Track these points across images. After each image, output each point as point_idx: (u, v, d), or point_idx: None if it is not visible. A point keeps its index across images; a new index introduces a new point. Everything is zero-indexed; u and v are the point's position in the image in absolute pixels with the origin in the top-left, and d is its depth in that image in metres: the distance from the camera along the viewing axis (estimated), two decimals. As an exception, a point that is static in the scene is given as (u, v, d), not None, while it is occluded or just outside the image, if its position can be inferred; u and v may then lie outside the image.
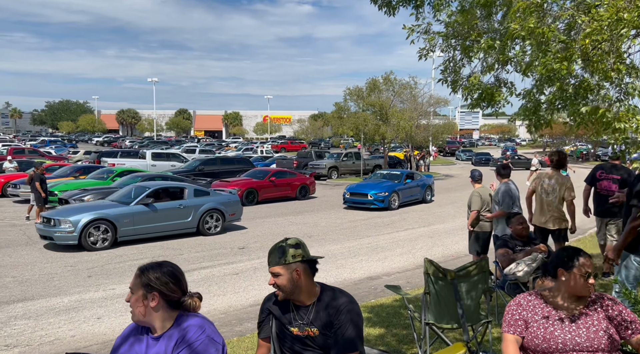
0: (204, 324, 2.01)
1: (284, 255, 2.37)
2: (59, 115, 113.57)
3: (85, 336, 5.78)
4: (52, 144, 49.30)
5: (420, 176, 19.16)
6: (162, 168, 23.95)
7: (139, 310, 2.01)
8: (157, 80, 73.61)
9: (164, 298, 2.02)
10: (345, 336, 2.30)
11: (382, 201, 16.37)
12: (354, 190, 17.11)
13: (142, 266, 2.10)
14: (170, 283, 2.04)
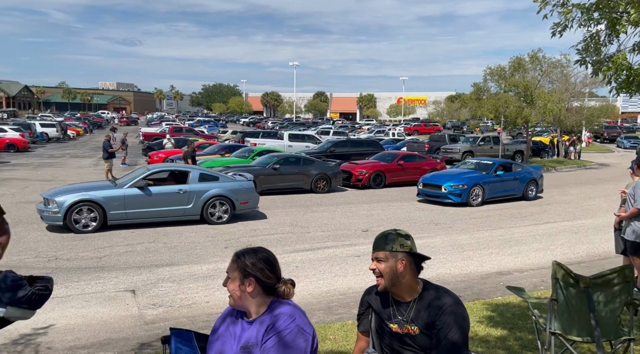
0: (295, 313, 2.02)
1: (393, 241, 2.30)
2: (212, 97, 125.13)
3: (218, 303, 6.33)
4: (206, 124, 54.55)
5: (522, 167, 16.21)
6: (298, 149, 25.04)
7: (236, 295, 2.07)
8: (297, 64, 76.77)
9: (259, 284, 2.06)
10: (448, 339, 2.15)
11: (459, 195, 14.04)
12: (427, 181, 14.97)
13: (238, 252, 2.15)
14: (265, 269, 2.08)
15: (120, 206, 10.21)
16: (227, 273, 2.14)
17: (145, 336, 5.23)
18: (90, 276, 7.28)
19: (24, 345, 4.89)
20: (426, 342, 2.23)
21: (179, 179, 11.42)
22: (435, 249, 9.16)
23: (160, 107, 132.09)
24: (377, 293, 2.41)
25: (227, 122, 73.90)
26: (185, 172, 11.40)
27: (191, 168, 11.70)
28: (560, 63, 26.11)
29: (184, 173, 11.37)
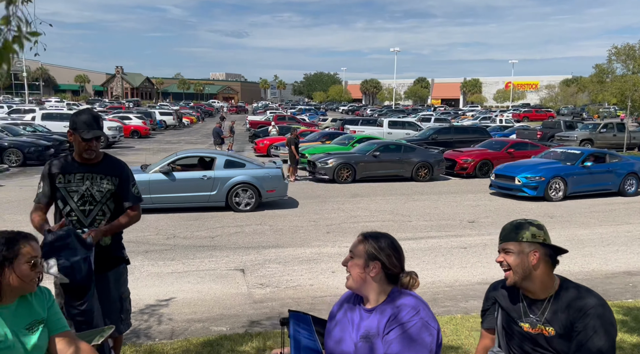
0: (419, 306, 1.91)
1: (524, 231, 2.09)
2: (313, 86, 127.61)
3: (321, 287, 6.42)
4: (307, 112, 55.78)
5: (620, 158, 14.10)
6: (397, 136, 24.62)
7: (357, 276, 2.00)
8: (399, 49, 75.47)
9: (384, 270, 1.98)
10: (592, 345, 1.91)
11: (535, 188, 12.54)
12: (500, 171, 13.53)
13: (366, 233, 2.08)
14: (392, 255, 1.99)
15: (145, 190, 10.02)
16: (350, 252, 2.06)
17: (254, 315, 5.45)
18: (204, 254, 7.77)
19: (149, 315, 5.34)
20: (563, 346, 2.01)
21: (206, 165, 11.31)
22: (551, 244, 8.47)
23: (265, 96, 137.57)
24: (506, 288, 2.22)
25: (327, 110, 74.88)
26: (211, 158, 11.30)
27: (218, 154, 11.60)
28: None
29: (210, 160, 11.27)
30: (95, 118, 3.10)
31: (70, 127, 3.10)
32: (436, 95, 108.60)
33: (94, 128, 3.05)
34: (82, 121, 3.04)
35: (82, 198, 3.09)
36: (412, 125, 27.99)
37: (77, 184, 3.10)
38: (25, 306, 1.96)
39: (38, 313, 1.99)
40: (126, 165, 3.33)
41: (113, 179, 3.17)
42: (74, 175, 3.11)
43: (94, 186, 3.11)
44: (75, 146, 3.09)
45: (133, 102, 70.53)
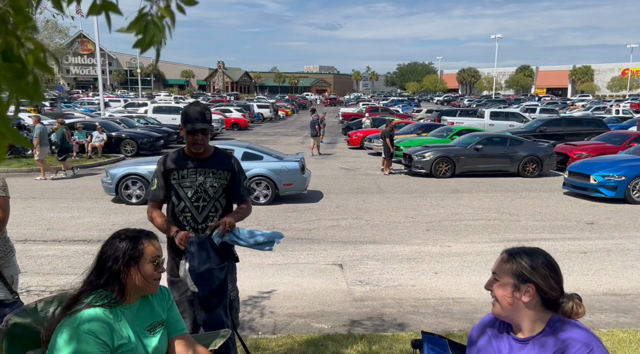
0: (592, 342, 1.57)
1: None
2: (406, 76, 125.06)
3: (424, 288, 6.09)
4: (400, 103, 54.73)
5: None
6: (500, 128, 23.19)
7: (506, 302, 1.69)
8: (500, 36, 71.13)
9: (539, 294, 1.66)
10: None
11: (614, 188, 10.92)
12: (575, 168, 11.99)
13: (510, 250, 1.76)
14: (550, 277, 1.66)
15: None
16: (493, 273, 1.76)
17: (355, 313, 5.28)
18: (302, 247, 7.76)
19: (252, 306, 5.39)
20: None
21: None
22: (692, 253, 7.36)
23: (357, 88, 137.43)
24: None
25: (421, 101, 72.93)
26: (230, 149, 11.15)
27: (237, 146, 11.53)
28: None
29: None
30: (202, 111, 3.02)
31: (180, 121, 3.09)
32: (541, 84, 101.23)
33: (199, 121, 2.98)
34: (189, 114, 3.00)
35: (195, 194, 3.04)
36: (516, 116, 26.22)
37: (190, 179, 3.05)
38: (146, 307, 1.92)
39: (159, 314, 1.94)
40: (236, 159, 3.27)
41: (225, 173, 3.12)
42: (187, 170, 3.06)
43: (207, 182, 3.06)
44: (185, 140, 3.06)
45: (233, 96, 73.90)
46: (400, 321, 5.09)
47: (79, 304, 1.73)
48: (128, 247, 1.82)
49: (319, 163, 17.50)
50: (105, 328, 1.68)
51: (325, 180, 14.05)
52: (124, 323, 1.80)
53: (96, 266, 1.82)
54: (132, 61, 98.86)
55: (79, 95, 66.10)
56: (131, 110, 31.38)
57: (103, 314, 1.72)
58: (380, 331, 4.73)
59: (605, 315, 5.24)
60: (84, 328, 1.64)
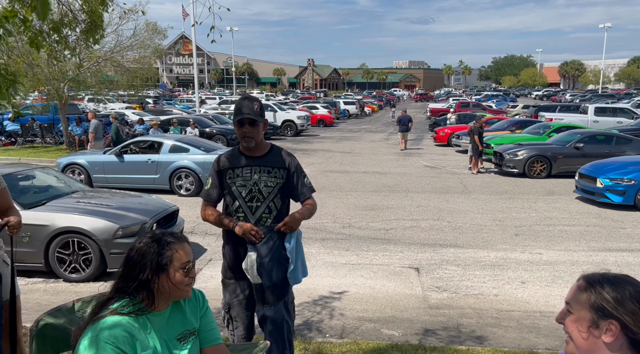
0: None
1: None
2: (502, 70, 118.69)
3: (508, 299, 5.61)
4: (494, 98, 51.98)
5: None
6: (606, 125, 21.11)
7: (581, 341, 1.38)
8: (610, 25, 64.80)
9: (626, 334, 1.32)
10: None
11: (622, 193, 9.72)
12: (585, 171, 10.81)
13: (589, 276, 1.43)
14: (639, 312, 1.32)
15: (100, 171, 11.53)
16: (566, 303, 1.45)
17: (429, 322, 4.98)
18: (378, 247, 7.53)
19: (321, 307, 5.28)
20: None
21: (155, 149, 11.73)
22: None
23: (448, 83, 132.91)
24: None
25: (518, 96, 68.71)
26: (160, 142, 11.74)
27: (166, 139, 11.93)
28: None
29: (159, 144, 11.71)
30: (250, 103, 2.88)
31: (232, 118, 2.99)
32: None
33: (246, 112, 2.85)
34: (238, 107, 2.90)
35: (250, 193, 2.93)
36: (626, 112, 23.71)
37: (244, 178, 2.94)
38: (178, 314, 1.83)
39: (190, 323, 1.84)
40: (293, 156, 3.09)
41: (281, 171, 2.98)
42: (242, 169, 2.96)
43: (262, 181, 2.94)
44: (237, 135, 2.94)
45: (322, 93, 74.81)
46: (478, 333, 4.71)
47: (105, 311, 1.67)
48: (155, 253, 1.72)
49: (402, 161, 17.06)
50: (127, 337, 1.62)
51: (408, 178, 13.63)
52: (151, 332, 1.72)
53: (123, 273, 1.75)
54: (228, 60, 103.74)
55: (180, 93, 70.60)
56: (224, 107, 32.83)
57: (127, 323, 1.65)
58: (455, 344, 4.41)
59: None
60: (104, 335, 1.59)
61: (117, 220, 6.09)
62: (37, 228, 5.85)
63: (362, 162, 16.86)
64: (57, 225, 5.90)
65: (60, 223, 5.92)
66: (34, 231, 5.84)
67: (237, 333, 2.97)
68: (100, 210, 6.28)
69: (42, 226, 5.88)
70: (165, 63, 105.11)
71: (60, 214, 6.02)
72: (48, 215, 5.98)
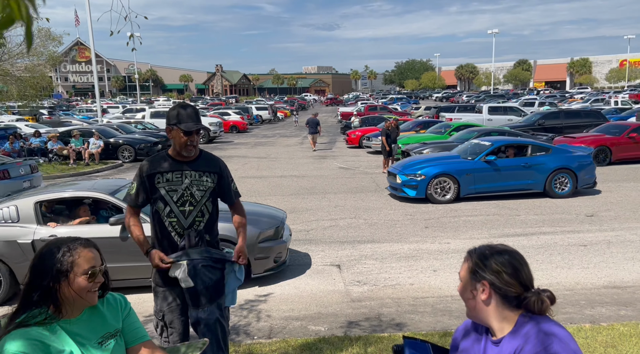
0: (551, 339, 1.48)
1: None
2: (405, 74, 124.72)
3: (423, 287, 6.02)
4: (399, 101, 54.64)
5: (549, 150, 11.12)
6: (499, 123, 23.10)
7: (467, 302, 1.66)
8: (497, 31, 70.87)
9: (496, 292, 1.59)
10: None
11: (415, 187, 10.55)
12: (391, 169, 11.61)
13: (471, 249, 1.72)
14: (503, 272, 1.59)
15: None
16: (459, 274, 1.73)
17: (352, 314, 5.21)
18: (300, 248, 7.69)
19: (248, 311, 5.32)
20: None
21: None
22: (693, 243, 7.27)
23: (356, 87, 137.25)
24: None
25: (420, 98, 72.78)
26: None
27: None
28: None
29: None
30: (195, 111, 2.96)
31: (168, 122, 2.95)
32: (539, 77, 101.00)
33: (194, 121, 2.91)
34: (182, 114, 2.91)
35: (181, 198, 2.94)
36: (515, 111, 26.12)
37: (175, 182, 2.94)
38: (97, 319, 1.80)
39: (111, 325, 1.83)
40: (223, 161, 3.18)
41: (212, 176, 3.03)
42: (172, 173, 2.95)
43: (194, 185, 2.97)
44: (175, 142, 2.94)
45: (233, 98, 73.93)
46: (398, 321, 5.02)
47: (11, 325, 1.62)
48: (56, 260, 1.68)
49: (317, 163, 17.44)
50: (37, 346, 1.58)
51: (324, 180, 13.98)
52: (64, 337, 1.68)
53: (28, 283, 1.70)
54: (130, 67, 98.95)
55: (78, 103, 66.08)
56: (129, 116, 31.34)
57: (35, 332, 1.61)
58: (377, 332, 4.66)
59: (606, 309, 5.16)
60: (10, 350, 1.54)
61: (255, 224, 5.96)
62: None
63: (278, 166, 16.99)
64: None
65: None
66: None
67: (172, 339, 2.96)
68: None
69: None
70: (60, 71, 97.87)
71: None
72: None
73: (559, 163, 10.90)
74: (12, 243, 5.48)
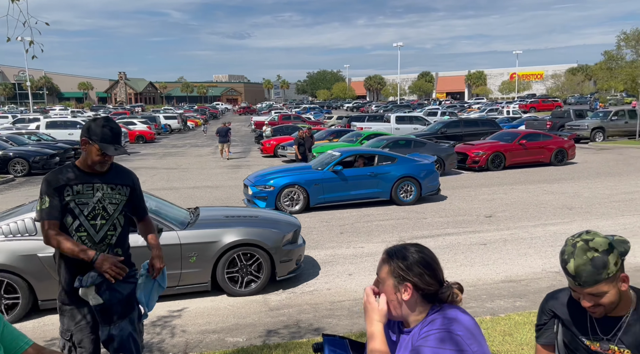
0: (451, 322, 1.61)
1: (606, 266, 1.70)
2: (317, 84, 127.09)
3: (339, 291, 6.16)
4: (312, 110, 55.52)
5: (395, 159, 11.63)
6: (406, 131, 24.30)
7: (390, 302, 1.74)
8: (402, 44, 74.75)
9: (418, 291, 1.69)
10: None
11: (264, 199, 10.58)
12: (245, 180, 11.66)
13: (389, 250, 1.79)
14: (425, 274, 1.69)
15: None
16: (377, 274, 1.79)
17: (271, 323, 5.19)
18: (215, 260, 7.51)
19: (161, 327, 5.10)
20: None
21: None
22: (574, 237, 8.16)
23: (269, 97, 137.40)
24: (570, 299, 1.94)
25: (332, 108, 74.49)
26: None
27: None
28: None
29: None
30: (118, 130, 2.84)
31: (86, 135, 2.78)
32: (441, 88, 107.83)
33: (118, 142, 2.81)
34: (107, 135, 2.76)
35: (93, 211, 2.81)
36: (420, 120, 27.64)
37: (86, 196, 2.80)
38: None
39: None
40: (134, 174, 3.09)
41: (124, 189, 2.93)
42: (82, 185, 2.80)
43: (106, 198, 2.84)
44: (88, 156, 2.79)
45: (140, 107, 70.63)
46: (316, 326, 5.08)
47: None
48: None
49: (232, 173, 17.18)
50: None
51: (239, 190, 13.79)
52: None
53: None
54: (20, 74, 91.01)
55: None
56: (21, 127, 28.78)
57: None
58: (296, 339, 4.69)
59: (504, 301, 5.62)
60: None
61: (278, 228, 6.31)
62: (204, 246, 5.80)
63: (190, 177, 16.50)
64: (227, 240, 5.88)
65: (231, 238, 5.89)
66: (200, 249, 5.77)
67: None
68: (257, 222, 6.49)
69: (211, 243, 5.83)
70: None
71: (224, 228, 5.99)
72: (213, 231, 5.92)
73: (404, 172, 11.35)
74: (32, 257, 5.19)
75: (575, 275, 1.74)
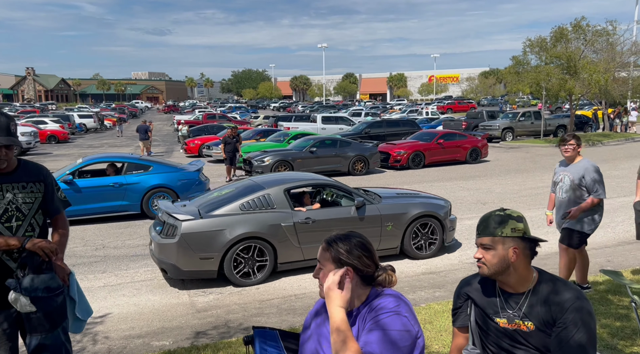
0: (399, 307, 1.75)
1: (503, 225, 1.98)
2: (242, 83, 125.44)
3: (267, 289, 6.18)
4: (238, 110, 54.79)
5: (149, 167, 10.36)
6: (331, 131, 24.73)
7: None
8: (326, 45, 75.99)
9: (358, 274, 1.80)
10: (574, 340, 1.85)
11: None
12: None
13: (329, 238, 1.89)
14: (363, 256, 1.81)
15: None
16: (318, 262, 1.87)
17: (199, 325, 5.12)
18: (138, 264, 7.27)
19: (82, 334, 4.85)
20: (542, 340, 1.94)
21: None
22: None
23: (192, 95, 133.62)
24: (480, 283, 2.13)
25: (259, 107, 74.00)
26: None
27: None
28: (606, 31, 24.69)
29: None
30: (6, 122, 2.62)
31: None
32: (364, 90, 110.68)
33: (3, 134, 2.59)
34: None
35: (5, 214, 2.64)
36: (345, 120, 28.23)
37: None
38: None
39: None
40: (47, 169, 2.92)
41: (37, 185, 2.77)
42: None
43: (18, 198, 2.68)
44: None
45: (53, 105, 65.90)
46: (245, 325, 5.09)
47: None
48: None
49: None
50: None
51: (162, 191, 13.34)
52: None
53: None
54: None
55: None
56: None
57: None
58: (226, 339, 4.66)
59: (425, 292, 5.94)
60: None
61: (440, 200, 7.55)
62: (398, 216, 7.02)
63: (108, 178, 15.68)
64: (413, 211, 7.10)
65: (416, 210, 7.11)
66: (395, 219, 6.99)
67: None
68: (425, 197, 7.65)
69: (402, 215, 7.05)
70: None
71: (409, 201, 7.28)
72: (402, 204, 7.15)
73: (158, 181, 10.14)
74: (276, 226, 6.34)
75: (478, 224, 2.05)
